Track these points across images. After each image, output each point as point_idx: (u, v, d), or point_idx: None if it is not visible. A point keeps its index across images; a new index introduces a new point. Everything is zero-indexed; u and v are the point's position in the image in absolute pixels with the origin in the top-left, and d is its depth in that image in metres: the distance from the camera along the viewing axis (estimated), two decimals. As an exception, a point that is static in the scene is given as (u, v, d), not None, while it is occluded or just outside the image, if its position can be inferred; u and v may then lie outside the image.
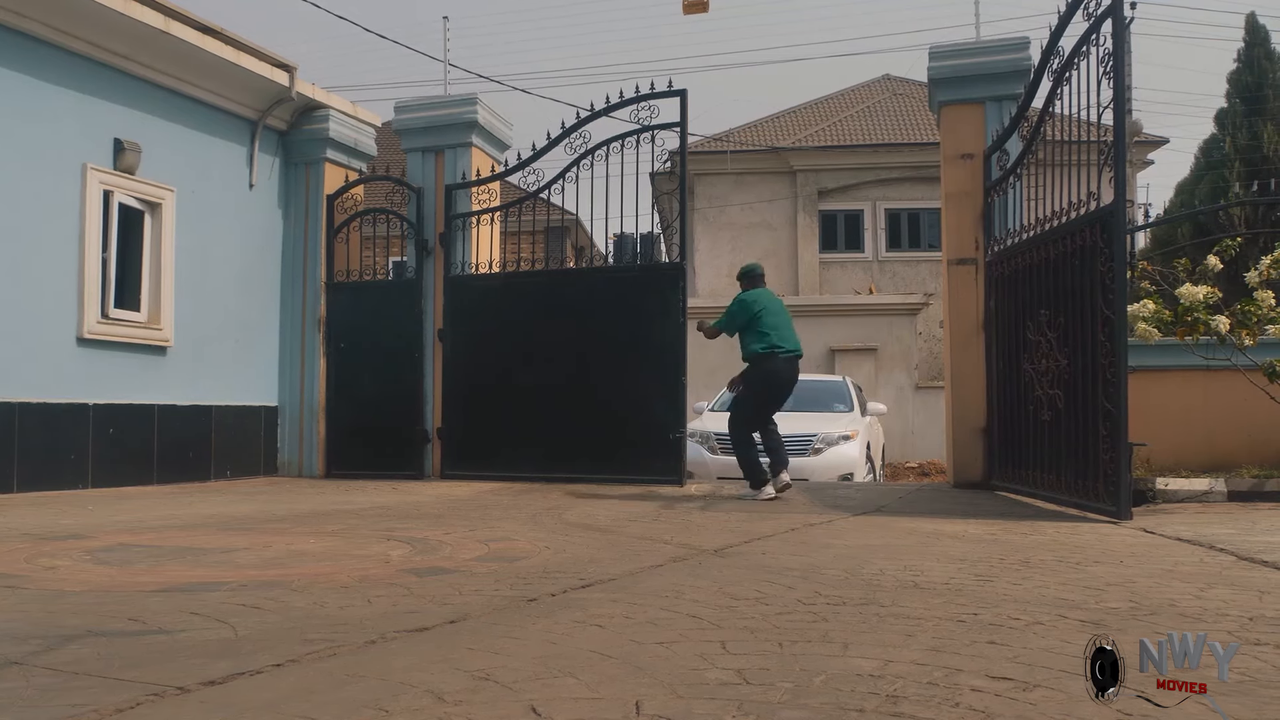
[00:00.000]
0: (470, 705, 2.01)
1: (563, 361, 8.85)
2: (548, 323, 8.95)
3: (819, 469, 10.71)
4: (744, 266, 8.33)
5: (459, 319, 9.34)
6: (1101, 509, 5.83)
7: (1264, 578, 3.67)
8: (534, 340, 8.97)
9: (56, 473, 7.58)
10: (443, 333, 9.32)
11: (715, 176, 23.33)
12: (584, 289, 9.09)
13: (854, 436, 11.29)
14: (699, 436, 11.51)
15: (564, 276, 9.85)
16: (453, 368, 9.31)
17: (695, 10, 18.92)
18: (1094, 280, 5.90)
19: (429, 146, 9.63)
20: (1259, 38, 22.58)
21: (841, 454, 11.02)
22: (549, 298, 9.08)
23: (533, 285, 9.28)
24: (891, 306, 18.43)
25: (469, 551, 4.40)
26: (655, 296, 8.72)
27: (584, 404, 8.78)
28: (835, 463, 10.89)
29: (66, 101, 7.81)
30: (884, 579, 3.64)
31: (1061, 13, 6.45)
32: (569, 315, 8.89)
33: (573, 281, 9.41)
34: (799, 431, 11.19)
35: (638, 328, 8.68)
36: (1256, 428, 7.37)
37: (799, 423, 11.49)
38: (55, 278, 7.68)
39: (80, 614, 2.97)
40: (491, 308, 9.27)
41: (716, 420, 11.91)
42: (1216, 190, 21.09)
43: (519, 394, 8.95)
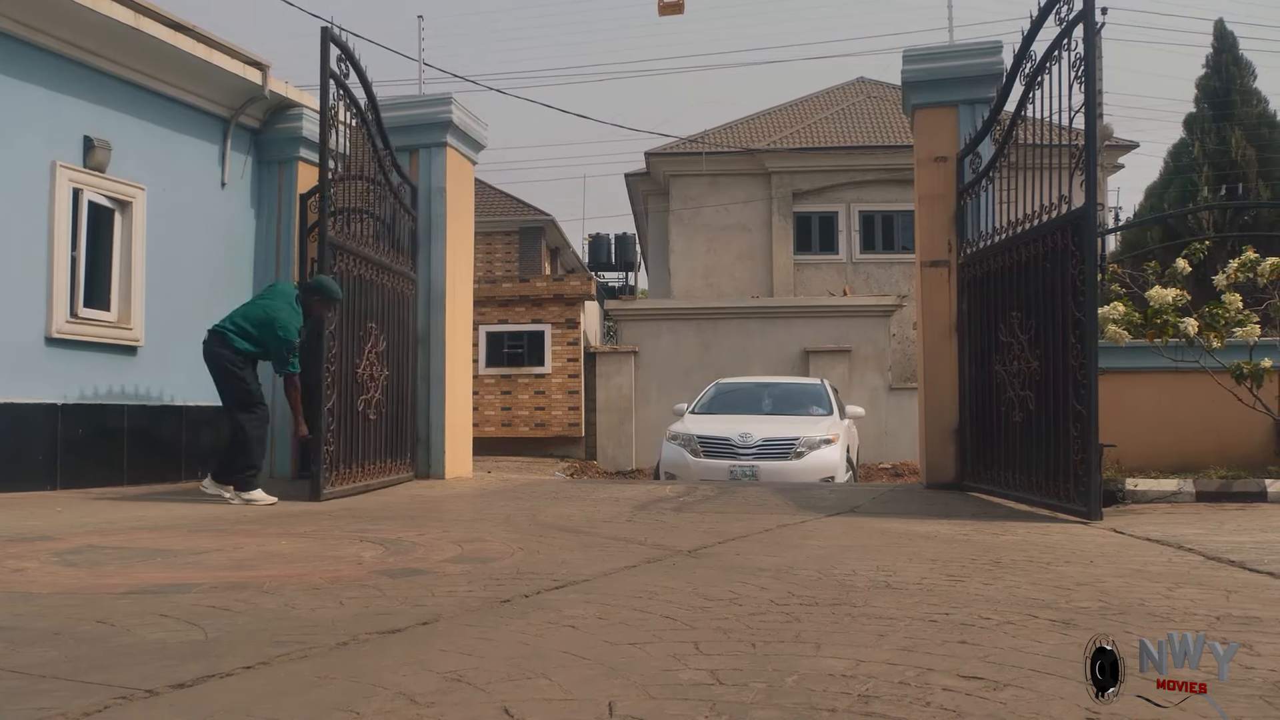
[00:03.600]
0: (442, 706, 2.00)
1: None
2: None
3: (801, 472, 10.78)
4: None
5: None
6: (1072, 509, 5.89)
7: (1230, 577, 3.72)
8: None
9: (24, 473, 7.48)
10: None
11: (690, 178, 23.37)
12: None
13: (835, 440, 11.38)
14: (682, 439, 11.51)
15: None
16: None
17: (670, 11, 18.97)
18: (1065, 283, 5.96)
19: (403, 146, 9.57)
20: (1227, 44, 22.85)
21: (823, 458, 11.10)
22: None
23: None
24: (865, 308, 18.54)
25: (442, 553, 4.38)
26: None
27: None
28: (817, 466, 10.97)
29: (35, 98, 7.71)
30: (857, 579, 3.65)
31: (1034, 17, 6.51)
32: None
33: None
34: (782, 435, 11.27)
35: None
36: (1224, 429, 7.46)
37: (781, 426, 11.56)
38: (23, 276, 7.58)
39: (47, 616, 2.94)
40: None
41: (698, 423, 11.93)
42: (1186, 194, 21.32)
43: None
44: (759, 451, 11.08)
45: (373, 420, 7.95)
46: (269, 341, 7.16)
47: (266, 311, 7.22)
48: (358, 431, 7.66)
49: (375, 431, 8.04)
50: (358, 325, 7.71)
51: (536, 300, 18.55)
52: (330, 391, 7.11)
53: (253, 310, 7.32)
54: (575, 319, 18.45)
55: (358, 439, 7.65)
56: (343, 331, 7.39)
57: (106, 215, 8.41)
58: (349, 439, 7.49)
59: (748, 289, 22.46)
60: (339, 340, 7.30)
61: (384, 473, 8.24)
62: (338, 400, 7.22)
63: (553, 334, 18.45)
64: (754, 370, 16.80)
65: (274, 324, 7.13)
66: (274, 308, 7.23)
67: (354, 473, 7.58)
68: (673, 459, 11.49)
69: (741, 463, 10.97)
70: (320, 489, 6.99)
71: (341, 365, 7.34)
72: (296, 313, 7.24)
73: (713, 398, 13.20)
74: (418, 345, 9.29)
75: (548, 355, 18.41)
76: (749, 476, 10.76)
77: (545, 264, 30.51)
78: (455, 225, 9.66)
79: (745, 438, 11.16)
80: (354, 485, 7.55)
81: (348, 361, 7.48)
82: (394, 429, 8.52)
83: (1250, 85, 22.72)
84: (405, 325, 8.94)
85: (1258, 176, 21.29)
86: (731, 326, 18.47)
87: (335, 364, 7.19)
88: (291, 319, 7.18)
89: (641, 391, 18.42)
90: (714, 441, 11.28)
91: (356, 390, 7.63)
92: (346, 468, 7.45)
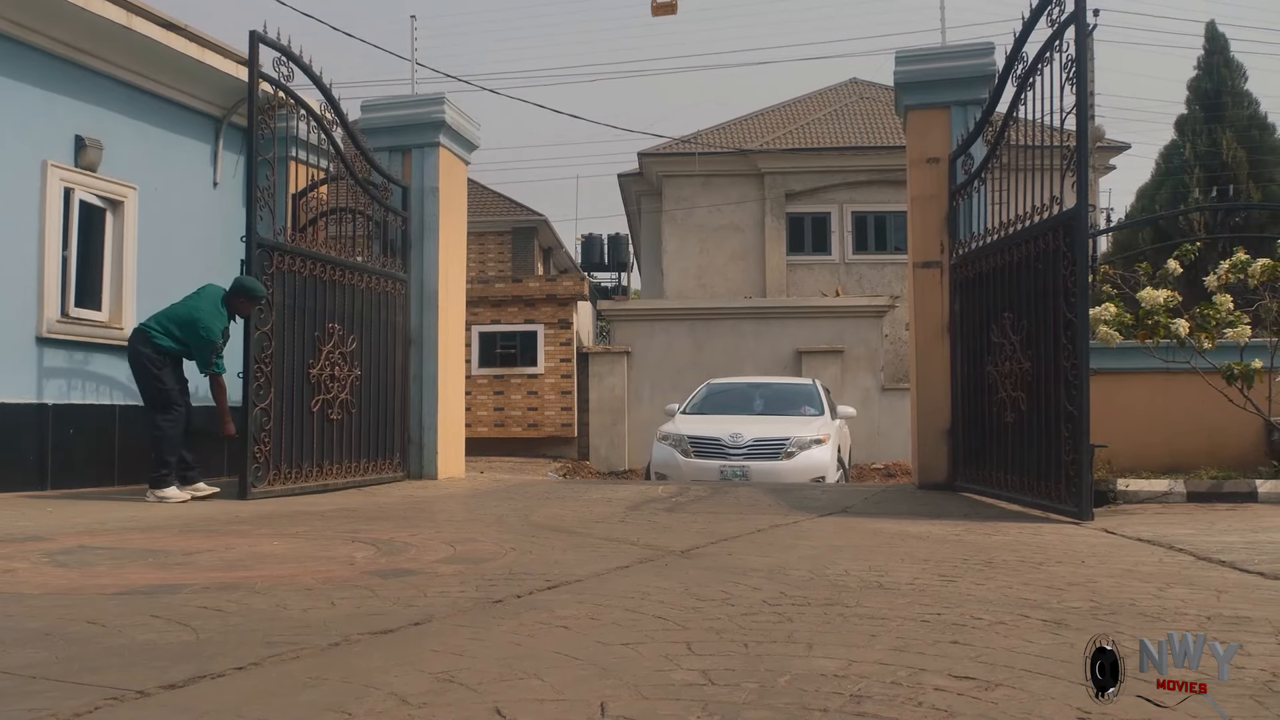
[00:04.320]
0: (434, 707, 2.00)
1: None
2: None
3: (792, 472, 10.76)
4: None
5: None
6: (1063, 510, 5.90)
7: (1221, 577, 3.73)
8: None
9: (14, 474, 7.44)
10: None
11: (683, 178, 23.38)
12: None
13: (826, 440, 11.36)
14: (672, 440, 11.49)
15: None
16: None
17: (664, 12, 18.99)
18: (1057, 283, 5.97)
19: (396, 146, 9.57)
20: (1218, 46, 22.96)
21: (814, 458, 11.07)
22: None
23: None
24: (858, 309, 18.56)
25: (434, 553, 4.38)
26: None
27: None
28: (807, 466, 10.95)
29: (27, 97, 7.68)
30: (849, 579, 3.66)
31: (1026, 19, 6.53)
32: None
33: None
34: (772, 435, 11.24)
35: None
36: (1215, 429, 7.48)
37: (772, 426, 11.54)
38: (14, 276, 7.55)
39: (38, 617, 2.93)
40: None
41: (689, 423, 11.92)
42: (1177, 195, 21.41)
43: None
44: (749, 451, 11.06)
45: (335, 420, 8.00)
46: (191, 341, 7.28)
47: (191, 312, 7.32)
48: (310, 432, 7.72)
49: (340, 431, 8.09)
50: (311, 325, 7.78)
51: (529, 300, 18.53)
52: (265, 391, 7.19)
53: (178, 310, 7.41)
54: (568, 319, 18.44)
55: (310, 439, 7.72)
56: (284, 331, 7.46)
57: (98, 215, 8.38)
58: (296, 439, 7.55)
59: (741, 289, 22.47)
60: (277, 340, 7.36)
61: (353, 473, 8.28)
62: (275, 400, 7.29)
63: (545, 334, 18.44)
64: (747, 370, 16.81)
65: (197, 325, 7.24)
66: (198, 308, 7.34)
67: (305, 473, 7.65)
68: (663, 459, 11.47)
69: (732, 463, 10.95)
70: (247, 487, 7.06)
71: (283, 365, 7.41)
72: (220, 314, 7.35)
73: (704, 398, 13.19)
74: (409, 345, 9.29)
75: (540, 355, 18.40)
76: (740, 477, 10.75)
77: (538, 264, 30.50)
78: (448, 225, 9.65)
79: (736, 438, 11.15)
80: (304, 485, 7.61)
81: (295, 361, 7.55)
82: (372, 429, 8.57)
83: (1241, 87, 22.84)
84: (389, 325, 8.94)
85: (1248, 178, 21.39)
86: (724, 327, 18.47)
87: (271, 364, 7.28)
88: (214, 320, 7.29)
89: (634, 392, 18.42)
90: (704, 441, 11.26)
91: (309, 391, 7.71)
92: (294, 467, 7.52)
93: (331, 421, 7.95)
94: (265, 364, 7.20)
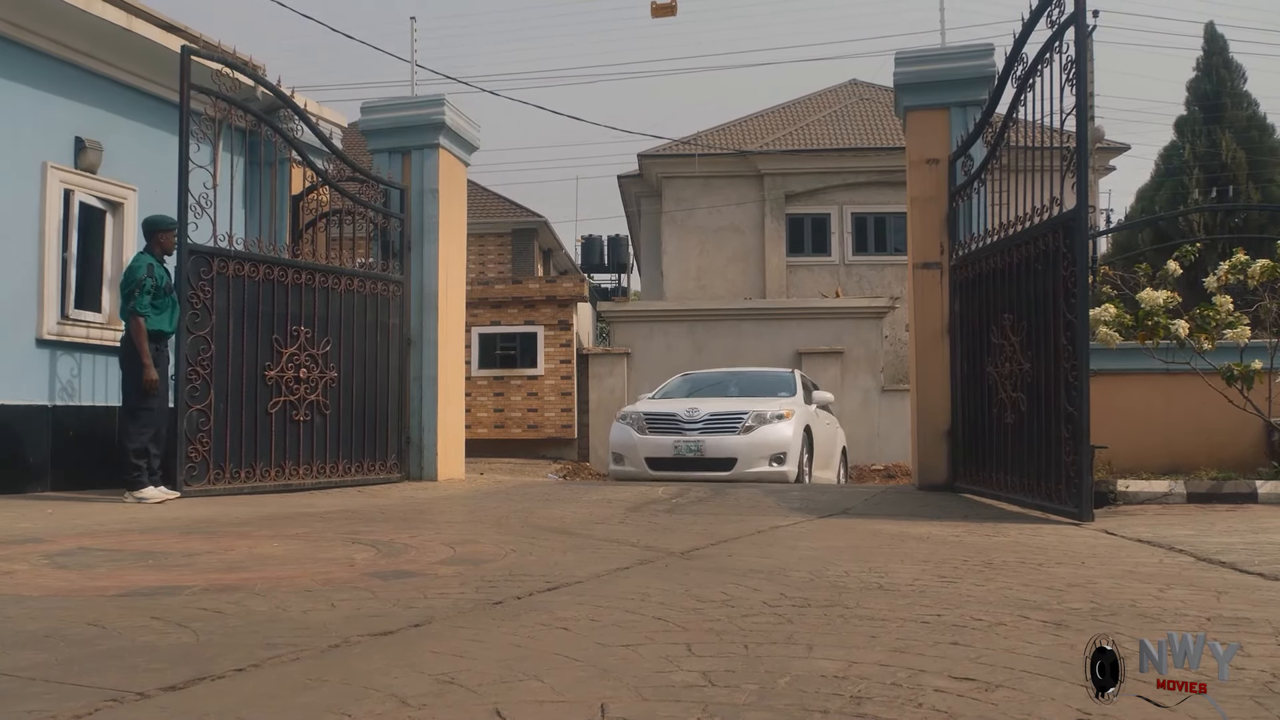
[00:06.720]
0: (434, 709, 2.00)
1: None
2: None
3: (748, 447, 10.33)
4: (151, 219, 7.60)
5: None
6: (1063, 511, 5.90)
7: (1221, 578, 3.73)
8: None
9: (14, 476, 7.45)
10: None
11: (683, 179, 23.38)
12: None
13: (789, 416, 10.76)
14: (630, 418, 11.26)
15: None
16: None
17: (663, 13, 18.99)
18: (1057, 284, 5.97)
19: (396, 148, 9.57)
20: (1217, 47, 22.97)
21: (774, 432, 10.51)
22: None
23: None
24: (858, 310, 18.56)
25: (434, 555, 4.37)
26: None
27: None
28: (765, 441, 10.43)
29: (26, 99, 7.68)
30: (849, 581, 3.66)
31: (1025, 20, 6.53)
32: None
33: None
34: (730, 410, 10.84)
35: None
36: (1215, 430, 7.49)
37: (734, 404, 11.13)
38: (14, 278, 7.56)
39: (38, 619, 2.93)
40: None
41: (651, 403, 11.73)
42: (1176, 196, 21.43)
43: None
44: (705, 426, 10.65)
45: (301, 421, 8.05)
46: (121, 290, 7.30)
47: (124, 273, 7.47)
48: (267, 433, 7.79)
49: (308, 432, 8.13)
50: (268, 328, 7.85)
51: (529, 302, 18.53)
52: (202, 393, 7.30)
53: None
54: (568, 320, 18.45)
55: (268, 440, 7.79)
56: (229, 334, 7.53)
57: (98, 216, 8.39)
58: (248, 440, 7.63)
59: (740, 290, 22.47)
60: (218, 343, 7.45)
61: (330, 474, 8.33)
62: (216, 401, 7.38)
63: (545, 335, 18.44)
64: (746, 371, 16.77)
65: (125, 273, 7.39)
66: (129, 266, 7.45)
67: (259, 472, 7.73)
68: (619, 439, 11.15)
69: (687, 438, 10.56)
70: (179, 484, 7.14)
71: (228, 367, 7.50)
72: (142, 258, 7.35)
73: (676, 385, 12.80)
74: (406, 347, 9.28)
75: (540, 357, 18.40)
76: (694, 451, 10.43)
77: (538, 265, 30.47)
78: (448, 227, 9.65)
79: (692, 413, 10.78)
80: (257, 484, 7.68)
81: (244, 363, 7.64)
82: (357, 430, 8.60)
83: (1240, 88, 22.85)
84: (380, 327, 8.96)
85: (1248, 179, 21.40)
86: (724, 328, 18.47)
87: (211, 366, 7.38)
88: (137, 262, 7.31)
89: (634, 393, 18.36)
90: (660, 418, 10.94)
91: (265, 392, 7.78)
92: (243, 467, 7.60)
93: (297, 422, 8.01)
94: (203, 366, 7.31)
